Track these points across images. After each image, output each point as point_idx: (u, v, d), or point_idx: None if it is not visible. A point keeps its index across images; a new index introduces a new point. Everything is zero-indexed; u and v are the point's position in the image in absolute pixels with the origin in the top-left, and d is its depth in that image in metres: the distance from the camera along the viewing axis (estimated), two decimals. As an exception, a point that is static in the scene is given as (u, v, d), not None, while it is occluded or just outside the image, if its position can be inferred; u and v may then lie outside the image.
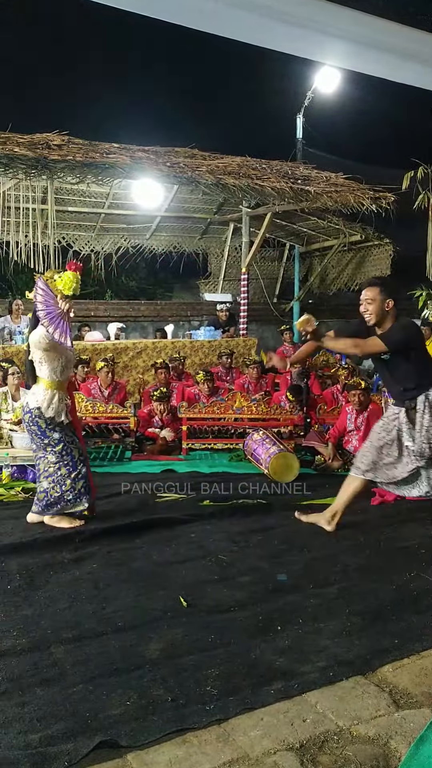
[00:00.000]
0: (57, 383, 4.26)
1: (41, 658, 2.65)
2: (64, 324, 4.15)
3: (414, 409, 3.96)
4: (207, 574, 3.53)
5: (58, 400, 4.25)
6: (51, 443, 4.25)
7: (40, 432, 4.24)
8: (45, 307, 4.17)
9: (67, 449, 4.27)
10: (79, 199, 10.57)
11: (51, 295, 4.19)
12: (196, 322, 11.90)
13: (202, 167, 8.02)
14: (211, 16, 2.10)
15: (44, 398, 4.21)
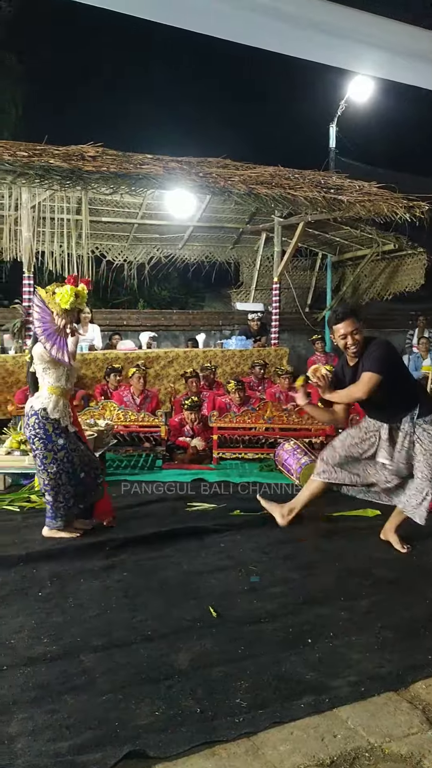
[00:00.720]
0: (61, 389, 4.26)
1: (71, 666, 2.66)
2: (61, 340, 4.15)
3: (398, 428, 3.84)
4: (237, 584, 3.51)
5: (63, 405, 4.26)
6: (55, 449, 4.19)
7: (46, 436, 4.18)
8: (41, 324, 4.17)
9: (69, 456, 4.23)
10: (112, 209, 10.68)
11: (47, 311, 4.18)
12: (228, 331, 11.91)
13: (234, 177, 8.04)
14: (247, 28, 2.11)
15: (49, 401, 4.20)
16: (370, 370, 3.66)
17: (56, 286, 4.23)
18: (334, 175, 9.24)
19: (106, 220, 10.90)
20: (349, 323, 3.72)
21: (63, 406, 4.26)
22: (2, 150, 7.09)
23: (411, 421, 3.79)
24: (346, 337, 3.73)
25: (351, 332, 3.72)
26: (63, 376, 4.26)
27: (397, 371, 3.79)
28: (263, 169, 8.59)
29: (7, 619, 3.08)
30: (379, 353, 3.70)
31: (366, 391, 3.67)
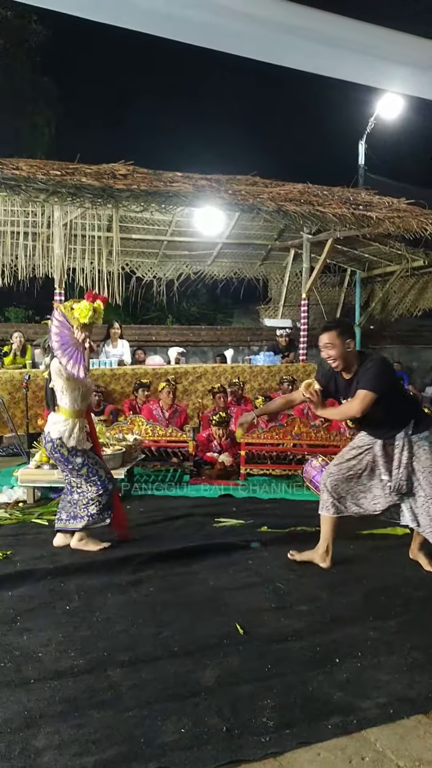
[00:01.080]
0: (77, 412, 4.29)
1: (98, 680, 2.66)
2: (78, 355, 4.14)
3: (392, 445, 3.80)
4: (264, 601, 3.48)
5: (79, 429, 4.28)
6: (75, 467, 4.29)
7: (63, 459, 4.28)
8: (59, 338, 4.17)
9: (92, 471, 4.31)
10: (142, 226, 10.80)
11: (67, 325, 4.19)
12: (256, 347, 11.93)
13: (263, 194, 8.08)
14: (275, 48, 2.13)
15: (65, 429, 4.23)
16: (365, 388, 3.65)
17: (74, 302, 4.27)
18: (363, 192, 9.24)
19: (136, 237, 11.02)
20: (327, 336, 3.74)
21: (79, 431, 4.28)
22: (36, 169, 7.23)
23: (405, 437, 3.77)
24: (323, 349, 3.78)
25: (325, 344, 3.75)
26: (79, 397, 4.29)
27: (392, 389, 3.76)
28: (292, 186, 8.63)
29: (35, 632, 3.10)
30: (375, 371, 3.68)
31: (361, 409, 3.66)
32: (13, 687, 2.60)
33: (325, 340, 3.74)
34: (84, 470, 4.29)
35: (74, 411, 4.27)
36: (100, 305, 4.30)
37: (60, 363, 4.14)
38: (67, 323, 4.20)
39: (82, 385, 4.29)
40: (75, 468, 4.29)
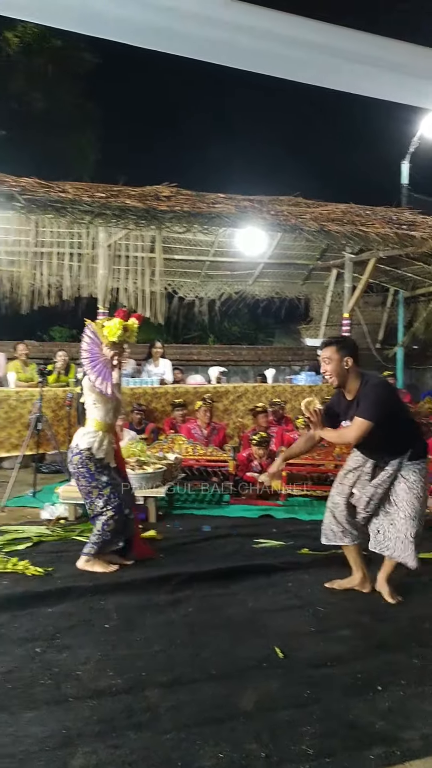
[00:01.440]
0: (107, 425, 4.33)
1: (135, 701, 2.64)
2: (106, 372, 4.23)
3: (383, 468, 3.75)
4: (304, 625, 3.43)
5: (108, 443, 4.32)
6: (99, 486, 4.26)
7: (88, 475, 4.26)
8: (89, 355, 4.26)
9: (114, 492, 4.30)
10: (185, 247, 10.92)
11: (97, 342, 4.28)
12: (297, 367, 11.87)
13: (305, 215, 8.10)
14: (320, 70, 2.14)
15: (95, 440, 4.26)
16: (362, 417, 3.58)
17: (106, 320, 4.33)
18: (407, 211, 9.17)
19: (178, 257, 11.14)
20: (326, 350, 3.71)
21: (107, 444, 4.32)
22: (82, 192, 7.38)
23: (398, 464, 3.70)
24: (321, 362, 3.78)
25: (323, 358, 3.73)
26: (111, 411, 4.34)
27: (391, 416, 3.65)
28: (335, 206, 8.62)
29: (74, 649, 3.11)
30: (373, 398, 3.61)
31: (356, 437, 3.61)
32: (52, 704, 2.61)
33: (324, 354, 3.72)
34: (107, 490, 4.28)
35: (104, 424, 4.32)
36: (133, 323, 4.36)
37: (89, 379, 4.23)
38: (97, 340, 4.28)
39: (114, 400, 4.34)
40: (98, 486, 4.27)
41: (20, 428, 7.83)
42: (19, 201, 6.99)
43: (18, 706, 2.59)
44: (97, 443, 4.27)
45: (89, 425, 4.32)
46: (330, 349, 3.69)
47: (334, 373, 3.68)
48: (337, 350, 3.67)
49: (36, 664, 2.96)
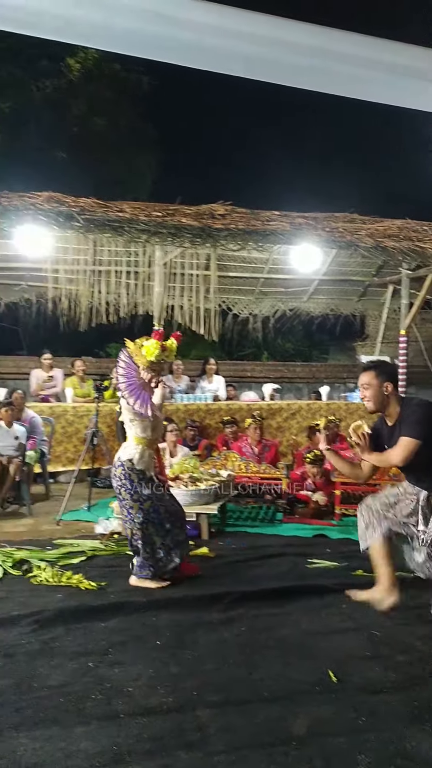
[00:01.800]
0: (146, 440, 4.37)
1: (186, 720, 2.62)
2: (144, 395, 4.28)
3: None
4: (358, 649, 3.35)
5: (149, 456, 4.37)
6: (140, 499, 4.27)
7: (130, 486, 4.27)
8: (126, 378, 4.32)
9: (155, 507, 4.30)
10: (239, 264, 10.95)
11: (132, 366, 4.34)
12: (352, 384, 11.72)
13: (361, 231, 8.04)
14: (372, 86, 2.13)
15: (135, 452, 4.32)
16: (408, 436, 3.48)
17: (144, 340, 4.37)
18: (466, 226, 8.99)
19: (233, 275, 11.18)
20: (365, 376, 3.64)
21: (148, 457, 4.37)
22: (138, 211, 7.52)
23: None
24: (360, 389, 3.70)
25: (362, 385, 3.65)
26: (149, 428, 4.38)
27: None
28: (391, 222, 8.53)
29: (125, 665, 3.11)
30: (417, 416, 3.51)
31: (403, 457, 3.49)
32: (103, 720, 2.61)
33: (362, 380, 3.65)
34: (147, 504, 4.28)
35: (144, 438, 4.37)
36: (172, 343, 4.41)
37: (128, 403, 4.29)
38: (132, 364, 4.35)
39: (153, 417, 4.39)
40: (139, 500, 4.27)
41: (76, 443, 7.97)
42: (78, 221, 7.16)
43: (69, 721, 2.61)
44: (138, 455, 4.32)
45: (129, 440, 4.41)
46: (369, 374, 3.63)
47: (372, 399, 3.61)
48: (376, 375, 3.61)
49: (88, 678, 2.98)
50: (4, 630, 3.51)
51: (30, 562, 4.70)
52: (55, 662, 3.14)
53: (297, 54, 2.03)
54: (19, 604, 3.93)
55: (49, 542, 5.33)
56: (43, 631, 3.51)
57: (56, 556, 4.90)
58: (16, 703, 2.74)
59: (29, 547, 5.13)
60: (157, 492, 4.37)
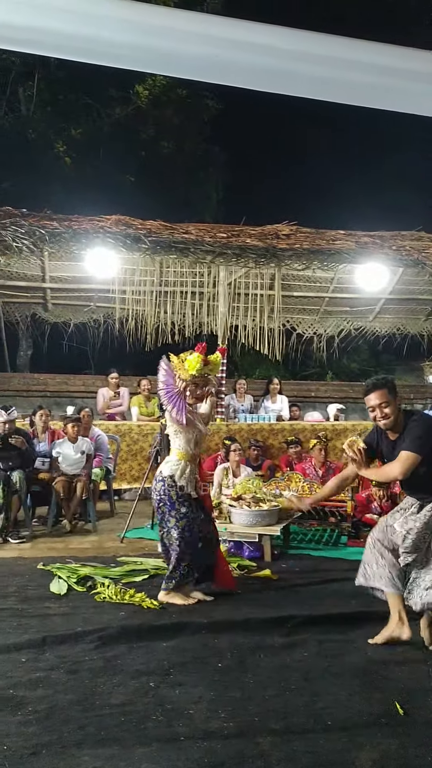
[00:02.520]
0: (189, 455, 4.41)
1: (247, 747, 2.57)
2: (181, 402, 4.32)
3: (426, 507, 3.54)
4: (427, 680, 3.22)
5: (190, 472, 4.39)
6: (177, 516, 4.32)
7: (170, 503, 4.33)
8: (165, 387, 4.40)
9: (189, 525, 4.33)
10: (304, 284, 10.92)
11: (171, 374, 4.41)
12: (420, 405, 11.45)
13: (429, 249, 7.89)
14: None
15: (177, 467, 4.36)
16: (408, 449, 3.44)
17: (188, 354, 4.44)
18: None
19: (297, 294, 11.15)
20: (379, 395, 3.54)
21: (189, 473, 4.39)
22: (204, 232, 7.62)
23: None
24: (374, 409, 3.57)
25: (380, 405, 3.54)
26: (192, 441, 4.42)
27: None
28: (460, 239, 8.34)
29: (187, 687, 3.09)
30: (419, 431, 3.47)
31: (403, 471, 3.43)
32: (163, 742, 2.59)
33: (377, 401, 3.54)
34: (183, 522, 4.33)
35: (187, 453, 4.41)
36: (216, 357, 4.51)
37: (167, 409, 4.38)
38: (171, 372, 4.41)
39: (196, 431, 4.43)
40: (177, 517, 4.32)
41: (141, 461, 8.07)
42: (145, 243, 7.32)
43: (130, 741, 2.60)
44: (179, 471, 4.36)
45: (172, 454, 4.47)
46: (383, 392, 3.56)
47: (393, 416, 3.54)
48: (389, 392, 3.56)
49: (149, 698, 2.97)
50: (69, 646, 3.56)
51: (94, 579, 4.76)
52: (117, 680, 3.15)
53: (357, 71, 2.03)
54: (83, 620, 3.98)
55: (112, 559, 5.39)
56: (106, 648, 3.53)
57: (120, 573, 4.95)
58: (80, 720, 2.76)
59: (94, 563, 5.20)
60: (194, 513, 4.39)
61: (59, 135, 15.30)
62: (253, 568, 5.24)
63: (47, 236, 7.37)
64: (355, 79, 2.02)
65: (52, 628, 3.81)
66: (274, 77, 2.02)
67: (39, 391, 11.01)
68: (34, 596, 4.45)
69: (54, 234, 7.39)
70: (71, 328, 11.18)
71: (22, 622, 3.93)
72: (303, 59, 1.97)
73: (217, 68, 1.97)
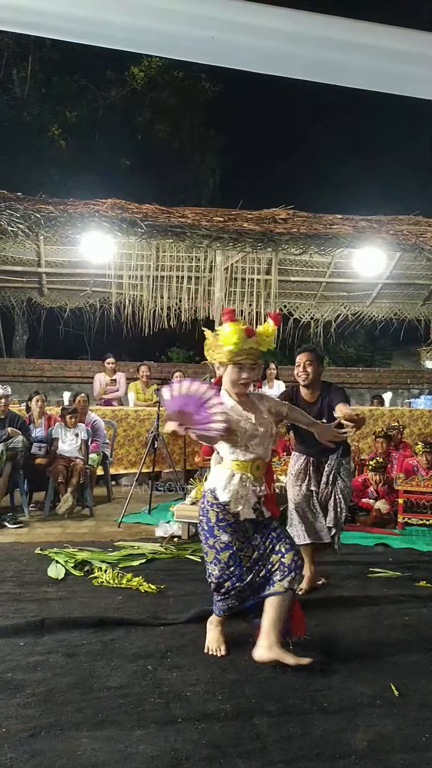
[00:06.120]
0: (240, 463, 3.15)
1: (243, 728, 2.60)
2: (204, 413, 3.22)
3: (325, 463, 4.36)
4: (422, 663, 3.25)
5: (239, 483, 3.12)
6: (217, 547, 3.14)
7: (207, 527, 3.16)
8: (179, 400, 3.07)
9: (234, 558, 3.13)
10: (301, 269, 10.89)
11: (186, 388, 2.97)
12: (416, 390, 11.47)
13: (426, 234, 7.86)
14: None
15: (221, 477, 3.15)
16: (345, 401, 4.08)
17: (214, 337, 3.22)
18: None
19: (294, 279, 11.13)
20: (307, 355, 4.29)
21: (239, 485, 3.12)
22: (201, 217, 7.57)
23: (336, 459, 4.32)
24: (300, 365, 4.30)
25: (305, 362, 4.28)
26: (241, 444, 3.14)
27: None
28: (458, 223, 8.31)
29: (184, 670, 3.12)
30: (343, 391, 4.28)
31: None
32: (161, 724, 2.62)
33: (305, 357, 4.27)
34: (224, 555, 3.13)
35: (237, 461, 3.17)
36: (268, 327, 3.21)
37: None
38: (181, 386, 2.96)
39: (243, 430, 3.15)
40: (216, 547, 3.15)
41: (138, 446, 8.08)
42: (141, 227, 7.27)
43: (129, 723, 2.63)
44: (223, 482, 3.14)
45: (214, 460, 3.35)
46: (311, 354, 4.30)
47: (312, 374, 4.25)
48: (315, 357, 4.31)
49: (147, 681, 3.00)
50: (67, 629, 3.58)
51: (91, 564, 4.78)
52: (114, 663, 3.18)
53: (355, 52, 2.00)
54: (80, 604, 4.00)
55: (110, 544, 5.41)
56: (104, 632, 3.55)
57: (117, 558, 4.97)
58: (78, 702, 2.78)
59: (91, 548, 5.22)
60: (240, 539, 3.15)
61: (54, 118, 15.16)
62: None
63: (42, 220, 7.32)
64: (353, 61, 2.00)
65: (50, 613, 3.83)
66: (270, 59, 2.00)
67: (35, 377, 10.98)
68: (32, 581, 4.47)
69: (49, 218, 7.34)
70: (67, 313, 11.15)
71: (20, 607, 3.96)
72: (299, 41, 1.95)
73: (213, 50, 1.95)
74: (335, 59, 2.00)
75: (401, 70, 2.03)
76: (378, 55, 1.96)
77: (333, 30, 1.97)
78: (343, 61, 1.98)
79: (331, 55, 1.97)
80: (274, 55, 1.96)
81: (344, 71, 2.02)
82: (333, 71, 2.04)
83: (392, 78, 2.07)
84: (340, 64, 2.01)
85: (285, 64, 2.03)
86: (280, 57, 1.97)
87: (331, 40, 1.96)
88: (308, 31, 1.94)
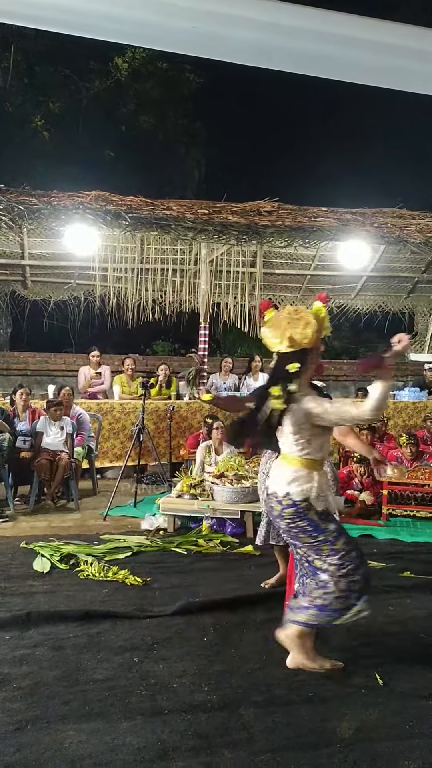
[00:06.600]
0: (318, 462, 3.11)
1: (230, 719, 2.62)
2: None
3: None
4: (406, 652, 3.29)
5: (324, 483, 3.09)
6: (329, 539, 3.00)
7: (312, 527, 3.00)
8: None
9: (348, 540, 3.05)
10: (286, 261, 10.89)
11: None
12: (401, 382, 11.53)
13: (410, 227, 7.90)
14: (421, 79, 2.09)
15: (311, 485, 3.00)
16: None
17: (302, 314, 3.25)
18: None
19: (279, 272, 11.13)
20: None
21: (324, 486, 3.08)
22: (185, 209, 7.55)
23: None
24: None
25: None
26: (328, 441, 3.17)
27: None
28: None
29: (170, 661, 3.13)
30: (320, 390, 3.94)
31: None
32: (148, 716, 2.63)
33: None
34: (340, 542, 3.01)
35: (314, 461, 3.09)
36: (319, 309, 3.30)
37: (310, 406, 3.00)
38: None
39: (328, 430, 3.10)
40: (329, 540, 3.00)
41: (123, 439, 8.06)
42: (125, 219, 7.24)
43: (115, 715, 2.64)
44: (315, 491, 3.00)
45: (292, 463, 3.06)
46: None
47: None
48: None
49: (133, 673, 3.01)
50: (53, 623, 3.57)
51: (77, 557, 4.78)
52: (101, 656, 3.18)
53: (343, 46, 2.00)
54: (66, 597, 4.00)
55: (95, 537, 5.40)
56: (90, 625, 3.56)
57: (103, 551, 4.96)
58: (64, 695, 2.79)
59: (76, 541, 5.21)
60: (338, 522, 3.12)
61: (37, 108, 14.98)
62: (236, 544, 5.29)
63: (26, 212, 7.26)
64: (340, 55, 2.00)
65: (35, 606, 3.82)
66: (253, 51, 1.99)
67: (19, 370, 10.91)
68: (18, 575, 4.46)
69: (33, 210, 7.28)
70: (51, 305, 11.07)
71: (6, 601, 3.95)
72: (285, 33, 1.94)
73: (197, 41, 1.94)
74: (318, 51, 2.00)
75: (387, 63, 2.04)
76: (364, 47, 1.96)
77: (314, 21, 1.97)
78: (329, 53, 1.98)
79: (316, 48, 1.96)
80: (259, 46, 1.96)
81: (330, 64, 2.02)
82: (318, 63, 2.04)
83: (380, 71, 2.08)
84: (324, 56, 2.01)
85: (268, 56, 2.02)
86: (263, 49, 1.97)
87: (311, 31, 1.95)
88: (290, 22, 1.93)
